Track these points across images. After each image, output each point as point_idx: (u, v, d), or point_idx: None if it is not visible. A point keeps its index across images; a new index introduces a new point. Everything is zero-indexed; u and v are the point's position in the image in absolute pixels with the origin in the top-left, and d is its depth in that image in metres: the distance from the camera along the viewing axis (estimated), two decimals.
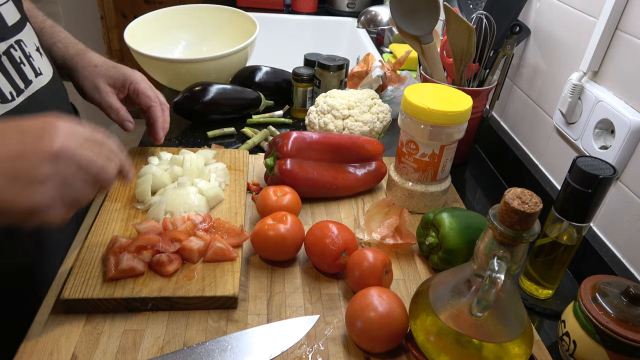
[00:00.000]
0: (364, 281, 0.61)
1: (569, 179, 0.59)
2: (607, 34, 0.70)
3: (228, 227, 0.68)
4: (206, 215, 0.70)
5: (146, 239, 0.63)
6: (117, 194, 0.76)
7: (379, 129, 0.95)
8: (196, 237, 0.65)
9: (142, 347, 0.55)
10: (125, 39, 1.10)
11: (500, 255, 0.48)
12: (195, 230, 0.67)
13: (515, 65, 0.97)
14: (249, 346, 0.56)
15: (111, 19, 2.78)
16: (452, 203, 0.85)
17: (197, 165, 0.78)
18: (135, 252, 0.62)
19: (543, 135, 0.87)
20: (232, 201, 0.76)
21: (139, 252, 0.62)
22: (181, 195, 0.72)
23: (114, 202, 0.74)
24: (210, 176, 0.78)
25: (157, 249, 0.62)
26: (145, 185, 0.74)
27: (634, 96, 0.66)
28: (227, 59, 1.07)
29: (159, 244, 0.63)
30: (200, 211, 0.71)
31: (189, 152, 0.81)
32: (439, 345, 0.52)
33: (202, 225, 0.68)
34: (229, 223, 0.69)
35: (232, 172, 0.82)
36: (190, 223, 0.68)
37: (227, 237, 0.67)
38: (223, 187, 0.78)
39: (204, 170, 0.78)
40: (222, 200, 0.76)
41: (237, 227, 0.68)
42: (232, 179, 0.80)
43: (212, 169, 0.79)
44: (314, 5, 1.83)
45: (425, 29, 0.87)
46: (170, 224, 0.68)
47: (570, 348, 0.56)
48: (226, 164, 0.83)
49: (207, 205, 0.73)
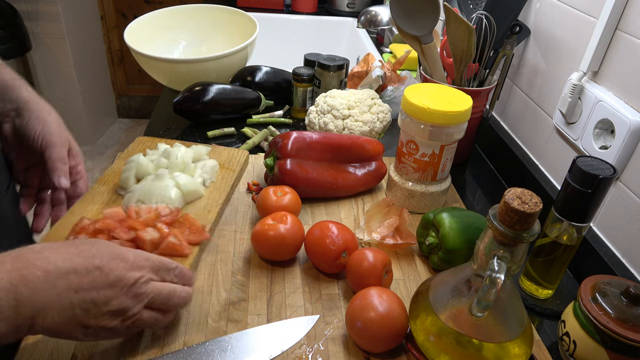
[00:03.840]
0: (364, 281, 0.61)
1: (569, 179, 0.59)
2: (607, 34, 0.70)
3: (192, 224, 0.68)
4: (175, 209, 0.70)
5: (105, 224, 0.63)
6: (108, 178, 0.77)
7: (379, 129, 0.95)
8: (153, 229, 0.64)
9: (142, 347, 0.55)
10: (125, 39, 1.10)
11: (500, 255, 0.48)
12: (156, 222, 0.66)
13: (515, 65, 0.97)
14: (249, 346, 0.56)
15: (111, 19, 2.78)
16: (452, 203, 0.85)
17: (183, 159, 0.78)
18: (92, 234, 0.62)
19: (543, 135, 0.87)
20: (210, 199, 0.76)
21: (95, 236, 0.62)
22: (157, 187, 0.72)
23: (102, 185, 0.76)
24: (195, 171, 0.78)
25: (113, 235, 0.63)
26: (129, 173, 0.75)
27: (634, 96, 0.66)
28: (227, 59, 1.07)
29: (116, 230, 0.63)
30: (174, 204, 0.71)
31: (180, 146, 0.81)
32: (439, 345, 0.52)
33: (165, 218, 0.67)
34: (195, 220, 0.68)
35: (223, 170, 0.82)
36: (153, 214, 0.67)
37: (189, 233, 0.67)
38: (207, 183, 0.78)
39: (189, 164, 0.78)
40: (201, 196, 0.76)
41: (199, 226, 0.68)
42: (220, 177, 0.80)
43: (200, 165, 0.80)
44: (314, 5, 1.83)
45: (425, 29, 0.87)
46: (135, 212, 0.67)
47: (570, 348, 0.56)
48: (221, 162, 0.84)
49: (183, 200, 0.73)
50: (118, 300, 0.47)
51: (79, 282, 0.45)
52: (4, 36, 2.09)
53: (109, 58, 2.89)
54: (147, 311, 0.50)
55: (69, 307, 0.44)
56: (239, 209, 0.78)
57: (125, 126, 3.06)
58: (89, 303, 0.45)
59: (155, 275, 0.51)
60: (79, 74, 2.54)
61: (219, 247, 0.70)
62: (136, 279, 0.49)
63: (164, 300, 0.51)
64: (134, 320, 0.49)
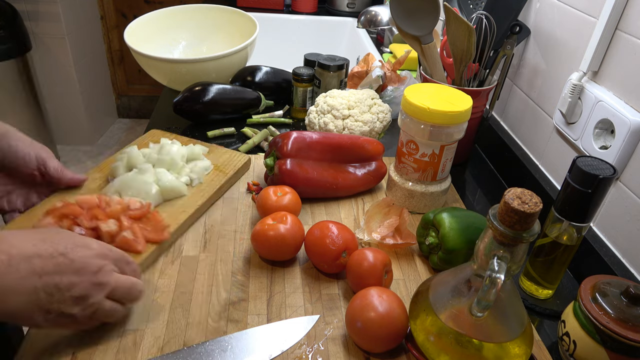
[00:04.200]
0: (364, 281, 0.61)
1: (569, 179, 0.59)
2: (607, 34, 0.70)
3: (157, 222, 0.68)
4: (146, 204, 0.70)
5: (70, 209, 0.65)
6: (105, 166, 0.79)
7: (379, 129, 0.95)
8: (115, 221, 0.65)
9: (142, 347, 0.55)
10: (125, 39, 1.10)
11: (500, 255, 0.48)
12: (123, 215, 0.66)
13: (515, 65, 0.97)
14: (249, 346, 0.56)
15: (111, 19, 2.78)
16: (452, 203, 0.85)
17: (172, 156, 0.78)
18: (58, 218, 0.64)
19: (543, 135, 0.87)
20: (190, 199, 0.75)
21: (61, 220, 0.64)
22: (137, 180, 0.73)
23: (98, 172, 0.79)
24: (183, 170, 0.78)
25: (76, 222, 0.64)
26: (119, 163, 0.77)
27: (633, 96, 0.66)
28: (227, 59, 1.07)
29: (80, 217, 0.64)
30: (151, 200, 0.71)
31: (174, 143, 0.82)
32: (439, 345, 0.52)
33: (133, 212, 0.67)
34: (161, 219, 0.68)
35: (216, 172, 0.82)
36: (120, 207, 0.67)
37: (150, 231, 0.67)
38: (195, 184, 0.78)
39: (177, 162, 0.78)
40: (182, 195, 0.76)
41: (162, 225, 0.67)
42: (209, 179, 0.80)
43: (191, 165, 0.80)
44: (314, 5, 1.83)
45: (425, 29, 0.87)
46: (105, 202, 0.68)
47: (570, 348, 0.56)
48: (218, 163, 0.84)
49: (161, 197, 0.74)
50: (81, 287, 0.48)
51: (43, 266, 0.46)
52: (4, 36, 2.09)
53: (109, 58, 2.89)
54: (108, 301, 0.51)
55: (32, 291, 0.45)
56: (239, 209, 0.78)
57: (125, 126, 3.05)
58: (53, 287, 0.46)
59: (116, 266, 0.53)
60: (79, 74, 2.54)
61: (219, 247, 0.70)
62: (100, 267, 0.50)
63: (125, 291, 0.52)
64: (95, 309, 0.50)
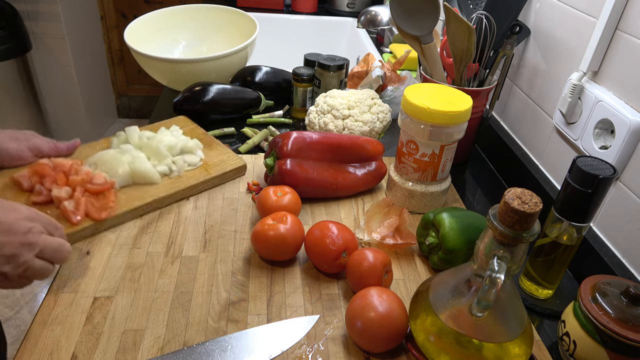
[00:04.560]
0: (364, 281, 0.61)
1: (569, 179, 0.59)
2: (607, 34, 0.70)
3: (106, 201, 0.71)
4: (110, 181, 0.75)
5: (40, 167, 0.73)
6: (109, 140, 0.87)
7: (379, 129, 0.95)
8: (68, 189, 0.71)
9: (142, 347, 0.55)
10: (125, 39, 1.10)
11: (500, 255, 0.48)
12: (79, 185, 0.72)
13: (515, 65, 0.97)
14: (249, 346, 0.56)
15: (111, 19, 2.78)
16: (452, 203, 0.85)
17: (157, 144, 0.81)
18: (30, 173, 0.73)
19: (543, 135, 0.87)
20: (156, 189, 0.78)
21: (32, 175, 0.73)
22: (112, 158, 0.77)
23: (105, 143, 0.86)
24: (165, 159, 0.81)
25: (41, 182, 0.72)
26: (116, 140, 0.84)
27: (633, 96, 0.66)
28: (227, 59, 1.07)
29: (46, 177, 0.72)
30: (117, 179, 0.76)
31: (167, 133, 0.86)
32: (439, 345, 0.52)
33: (93, 186, 0.73)
34: (111, 199, 0.72)
35: (201, 170, 0.83)
36: (81, 178, 0.73)
37: (96, 207, 0.71)
38: (173, 175, 0.81)
39: (161, 150, 0.81)
40: (153, 182, 0.78)
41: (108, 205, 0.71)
42: (189, 175, 0.82)
43: (179, 157, 0.82)
44: (314, 5, 1.83)
45: (425, 29, 0.87)
46: (75, 170, 0.74)
47: (570, 348, 0.56)
48: (211, 162, 0.85)
49: (131, 179, 0.77)
50: (11, 246, 0.51)
51: None
52: (4, 36, 2.09)
53: (109, 58, 2.89)
54: (38, 260, 0.54)
55: None
56: (239, 209, 0.78)
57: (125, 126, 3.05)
58: None
59: (45, 229, 0.56)
60: (79, 74, 2.54)
61: (219, 247, 0.70)
62: (29, 228, 0.53)
63: (54, 251, 0.56)
64: (26, 268, 0.53)
